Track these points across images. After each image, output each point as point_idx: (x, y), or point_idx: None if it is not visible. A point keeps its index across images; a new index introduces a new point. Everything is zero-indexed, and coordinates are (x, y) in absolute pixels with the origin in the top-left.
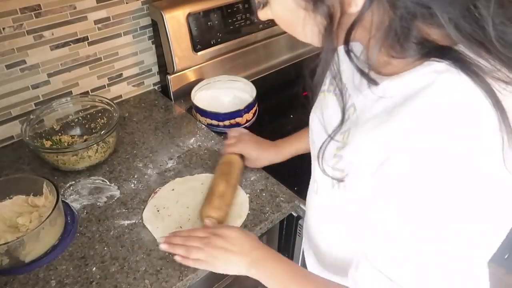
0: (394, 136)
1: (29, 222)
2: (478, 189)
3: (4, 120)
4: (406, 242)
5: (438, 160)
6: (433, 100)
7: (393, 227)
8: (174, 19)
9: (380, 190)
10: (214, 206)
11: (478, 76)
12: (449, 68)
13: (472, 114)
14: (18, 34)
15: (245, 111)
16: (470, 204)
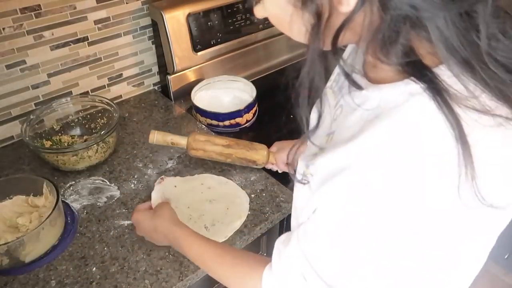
0: (357, 150)
1: (29, 222)
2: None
3: (4, 120)
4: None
5: (384, 182)
6: (397, 122)
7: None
8: (174, 19)
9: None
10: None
11: (448, 105)
12: (422, 92)
13: (430, 143)
14: (18, 34)
15: (245, 111)
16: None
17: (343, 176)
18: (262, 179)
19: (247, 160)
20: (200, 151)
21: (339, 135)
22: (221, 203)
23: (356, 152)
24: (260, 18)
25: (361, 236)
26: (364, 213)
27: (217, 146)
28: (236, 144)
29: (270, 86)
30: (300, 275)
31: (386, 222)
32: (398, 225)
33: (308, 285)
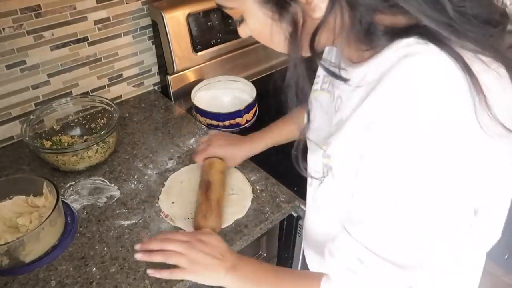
0: (372, 111)
1: (29, 222)
2: (456, 156)
3: (4, 120)
4: (384, 212)
5: (416, 129)
6: (407, 70)
7: (373, 197)
8: (174, 19)
9: (362, 165)
10: (207, 217)
11: (445, 44)
12: (418, 40)
13: (442, 79)
14: (18, 34)
15: (245, 111)
16: (449, 174)
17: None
18: (262, 179)
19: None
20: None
21: (348, 112)
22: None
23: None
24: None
25: (402, 196)
26: (398, 172)
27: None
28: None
29: (270, 87)
30: (357, 260)
31: (428, 175)
32: (439, 175)
33: (366, 267)
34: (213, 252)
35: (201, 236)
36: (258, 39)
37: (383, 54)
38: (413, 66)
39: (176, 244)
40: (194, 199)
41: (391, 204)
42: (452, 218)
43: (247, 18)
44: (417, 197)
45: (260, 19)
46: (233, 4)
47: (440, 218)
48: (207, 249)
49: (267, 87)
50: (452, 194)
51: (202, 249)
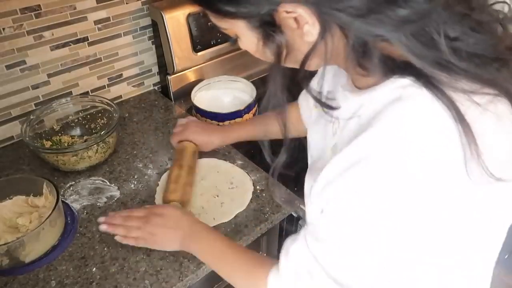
0: (362, 147)
1: (29, 222)
2: (438, 200)
3: (4, 120)
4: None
5: (397, 171)
6: (397, 114)
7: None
8: (174, 19)
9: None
10: (169, 190)
11: (439, 89)
12: (412, 83)
13: (432, 127)
14: (18, 34)
15: (245, 111)
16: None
17: (349, 173)
18: (262, 179)
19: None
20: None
21: (341, 145)
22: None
23: (359, 149)
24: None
25: (371, 229)
26: (373, 207)
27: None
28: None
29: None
30: (306, 271)
31: (396, 213)
32: (408, 216)
33: (312, 279)
34: (167, 223)
35: (156, 210)
36: (254, 55)
37: (378, 90)
38: (405, 112)
39: (135, 220)
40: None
41: (356, 234)
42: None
43: (240, 37)
44: (382, 232)
45: (250, 40)
46: (226, 25)
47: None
48: (162, 220)
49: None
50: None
51: (155, 221)
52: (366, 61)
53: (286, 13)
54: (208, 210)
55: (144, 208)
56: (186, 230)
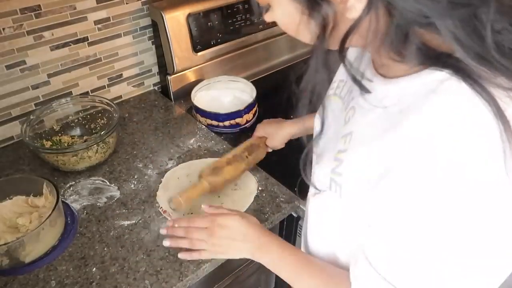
0: (397, 146)
1: (29, 222)
2: (480, 200)
3: (4, 120)
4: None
5: (442, 171)
6: (436, 110)
7: (397, 234)
8: (174, 19)
9: (383, 197)
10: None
11: (479, 84)
12: (450, 77)
13: (474, 124)
14: (18, 34)
15: (245, 111)
16: (472, 214)
17: (397, 178)
18: (262, 179)
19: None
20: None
21: (361, 134)
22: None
23: (400, 147)
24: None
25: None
26: (424, 210)
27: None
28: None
29: (270, 87)
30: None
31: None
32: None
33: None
34: (232, 235)
35: (220, 221)
36: (284, 29)
37: (411, 81)
38: (445, 106)
39: (198, 232)
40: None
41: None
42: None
43: (275, 7)
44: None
45: (288, 12)
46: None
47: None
48: (226, 232)
49: (267, 87)
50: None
51: (221, 234)
52: (404, 46)
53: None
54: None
55: (206, 217)
56: (256, 242)
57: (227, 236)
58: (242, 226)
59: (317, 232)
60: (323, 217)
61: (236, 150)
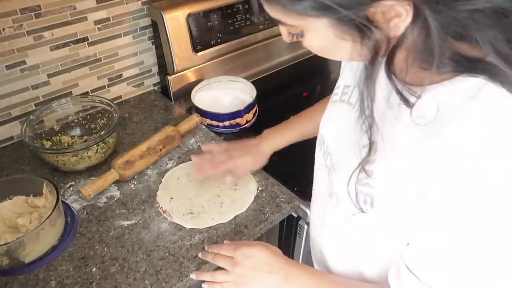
0: (439, 156)
1: (29, 222)
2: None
3: (4, 120)
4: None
5: (491, 180)
6: (479, 117)
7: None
8: (174, 19)
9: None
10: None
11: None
12: (487, 83)
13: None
14: (18, 34)
15: (245, 111)
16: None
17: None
18: (262, 179)
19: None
20: (131, 168)
21: (390, 144)
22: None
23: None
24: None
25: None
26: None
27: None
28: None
29: (270, 87)
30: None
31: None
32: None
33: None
34: (258, 266)
35: (245, 251)
36: (316, 52)
37: (444, 88)
38: (486, 114)
39: (222, 260)
40: (192, 195)
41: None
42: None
43: (308, 35)
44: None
45: (327, 38)
46: (298, 23)
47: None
48: (251, 263)
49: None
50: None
51: (246, 264)
52: (437, 55)
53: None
54: (207, 210)
55: (231, 245)
56: (281, 272)
57: (252, 267)
58: (267, 257)
59: (339, 244)
60: (345, 229)
61: (151, 140)
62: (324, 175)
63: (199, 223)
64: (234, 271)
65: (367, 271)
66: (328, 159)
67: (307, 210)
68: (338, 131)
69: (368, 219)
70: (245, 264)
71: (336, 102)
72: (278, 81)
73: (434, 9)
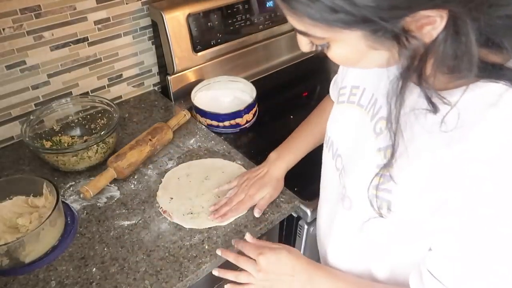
0: (460, 162)
1: (29, 222)
2: None
3: (4, 120)
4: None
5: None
6: (500, 125)
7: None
8: (174, 19)
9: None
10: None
11: None
12: (508, 88)
13: None
14: (18, 34)
15: (245, 111)
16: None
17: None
18: None
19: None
20: (129, 165)
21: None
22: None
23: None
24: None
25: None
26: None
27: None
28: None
29: (270, 87)
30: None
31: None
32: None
33: None
34: (281, 270)
35: (268, 254)
36: (340, 62)
37: (465, 94)
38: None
39: (245, 263)
40: (192, 195)
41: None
42: None
43: (335, 45)
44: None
45: (356, 48)
46: (325, 34)
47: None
48: (275, 267)
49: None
50: None
51: (269, 268)
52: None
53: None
54: (207, 210)
55: (254, 248)
56: (305, 274)
57: (275, 271)
58: (290, 260)
59: (349, 247)
60: (357, 232)
61: (139, 136)
62: (335, 177)
63: (199, 223)
64: (258, 275)
65: (376, 273)
66: (339, 161)
67: (307, 210)
68: (348, 133)
69: (384, 223)
70: (269, 269)
71: (344, 103)
72: (278, 81)
73: (472, 17)
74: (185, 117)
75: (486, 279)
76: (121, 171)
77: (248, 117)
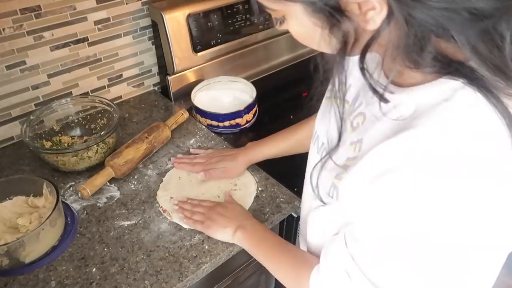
0: (403, 147)
1: (29, 223)
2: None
3: (4, 121)
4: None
5: (447, 175)
6: (448, 117)
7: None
8: (174, 19)
9: (379, 193)
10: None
11: (494, 95)
12: (464, 86)
13: (486, 133)
14: (18, 34)
15: (245, 112)
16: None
17: (393, 176)
18: (262, 179)
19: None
20: (126, 162)
21: (371, 142)
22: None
23: (402, 149)
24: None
25: (412, 236)
26: (418, 213)
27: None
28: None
29: (270, 87)
30: (345, 272)
31: (441, 221)
32: (454, 224)
33: (352, 283)
34: (227, 213)
35: (226, 203)
36: (299, 40)
37: (425, 90)
38: (455, 116)
39: (201, 207)
40: (193, 195)
41: (398, 239)
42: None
43: (290, 21)
44: (423, 240)
45: (306, 25)
46: (277, 7)
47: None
48: (223, 210)
49: (267, 87)
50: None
51: (218, 210)
52: (420, 55)
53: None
54: None
55: (213, 201)
56: (242, 222)
57: (221, 213)
58: (236, 209)
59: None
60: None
61: (136, 136)
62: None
63: None
64: (207, 214)
65: None
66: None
67: None
68: (332, 128)
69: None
70: (217, 210)
71: (330, 99)
72: (278, 81)
73: (404, 4)
74: (182, 115)
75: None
76: (118, 168)
77: (248, 117)
